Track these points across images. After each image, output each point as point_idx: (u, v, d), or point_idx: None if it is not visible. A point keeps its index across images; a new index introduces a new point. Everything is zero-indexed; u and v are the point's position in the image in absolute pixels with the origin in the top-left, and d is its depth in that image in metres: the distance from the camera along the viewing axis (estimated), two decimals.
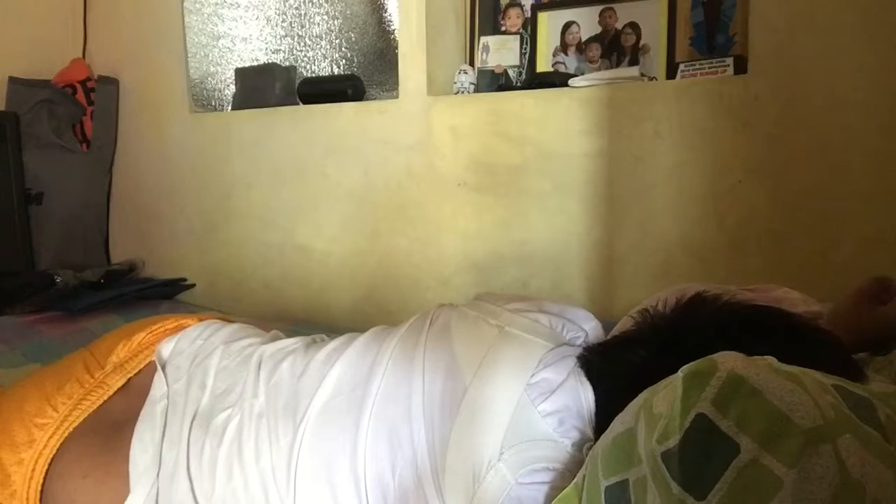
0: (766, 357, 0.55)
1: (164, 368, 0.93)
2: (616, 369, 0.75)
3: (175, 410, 0.86)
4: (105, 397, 0.90)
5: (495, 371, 0.74)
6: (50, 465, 0.84)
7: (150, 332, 0.99)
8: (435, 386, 0.76)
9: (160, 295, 2.00)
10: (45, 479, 0.84)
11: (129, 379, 0.93)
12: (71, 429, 0.86)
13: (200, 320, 1.04)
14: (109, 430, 0.87)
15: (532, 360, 0.74)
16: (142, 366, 0.95)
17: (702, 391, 0.52)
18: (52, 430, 0.86)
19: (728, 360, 0.53)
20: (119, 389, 0.92)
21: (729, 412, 0.50)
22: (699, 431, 0.51)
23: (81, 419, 0.87)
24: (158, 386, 0.90)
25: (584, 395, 0.73)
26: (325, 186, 1.90)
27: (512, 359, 0.75)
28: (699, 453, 0.50)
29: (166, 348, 0.96)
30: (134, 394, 0.91)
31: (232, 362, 0.91)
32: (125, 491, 0.82)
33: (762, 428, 0.49)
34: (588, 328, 0.84)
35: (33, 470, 0.83)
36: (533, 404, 0.71)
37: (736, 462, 0.49)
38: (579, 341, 0.81)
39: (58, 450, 0.85)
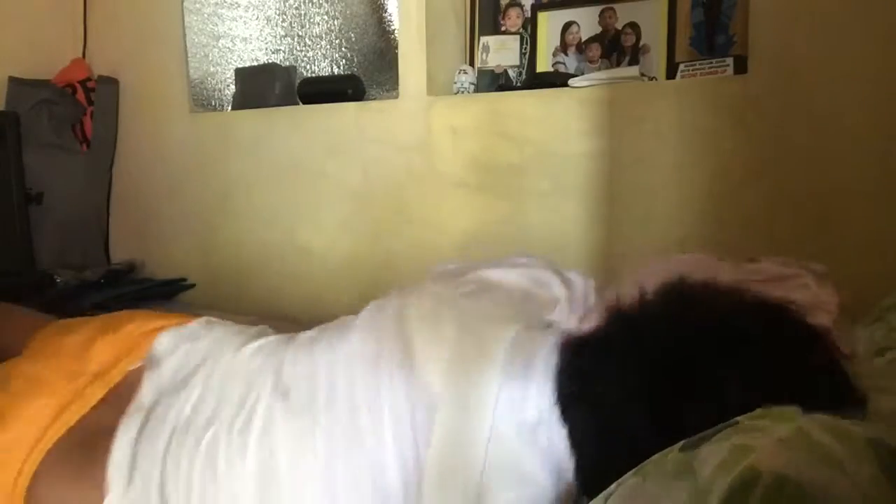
0: (793, 413, 0.53)
1: (147, 376, 0.90)
2: (594, 407, 0.69)
3: (155, 425, 0.84)
4: (84, 410, 0.87)
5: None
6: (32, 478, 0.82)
7: (134, 334, 0.96)
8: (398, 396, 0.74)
9: (160, 295, 2.00)
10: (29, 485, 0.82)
11: (110, 389, 0.90)
12: (49, 445, 0.84)
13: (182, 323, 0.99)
14: (89, 442, 0.84)
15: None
16: (122, 375, 0.92)
17: None
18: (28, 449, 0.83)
19: (765, 458, 0.49)
20: (100, 400, 0.89)
21: None
22: None
23: (59, 435, 0.85)
24: (139, 397, 0.88)
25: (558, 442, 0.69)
26: (324, 186, 1.90)
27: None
28: None
29: (152, 355, 0.93)
30: (114, 405, 0.88)
31: (215, 373, 0.89)
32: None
33: None
34: (560, 294, 0.83)
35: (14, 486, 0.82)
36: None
37: None
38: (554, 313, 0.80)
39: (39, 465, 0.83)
